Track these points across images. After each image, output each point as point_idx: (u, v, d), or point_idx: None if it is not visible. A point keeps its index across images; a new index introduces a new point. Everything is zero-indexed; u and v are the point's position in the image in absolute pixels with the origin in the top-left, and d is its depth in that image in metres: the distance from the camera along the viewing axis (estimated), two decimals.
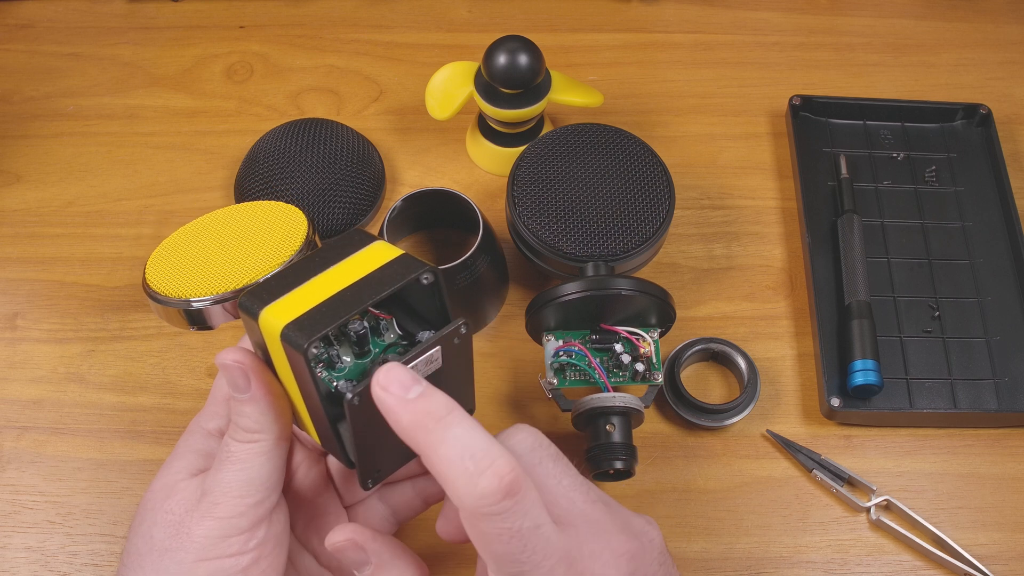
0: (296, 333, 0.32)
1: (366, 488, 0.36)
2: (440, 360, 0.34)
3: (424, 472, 0.41)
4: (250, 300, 0.35)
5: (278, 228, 0.41)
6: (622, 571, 0.33)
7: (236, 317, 0.39)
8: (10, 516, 0.49)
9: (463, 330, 0.34)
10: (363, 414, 0.33)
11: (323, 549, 0.41)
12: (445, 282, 0.35)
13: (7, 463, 0.51)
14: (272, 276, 0.36)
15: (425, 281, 0.34)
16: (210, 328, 0.40)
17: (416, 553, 0.37)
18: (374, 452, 0.35)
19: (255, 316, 0.34)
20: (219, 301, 0.38)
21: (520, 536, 0.30)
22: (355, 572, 0.36)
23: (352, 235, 0.37)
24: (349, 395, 0.32)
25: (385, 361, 0.34)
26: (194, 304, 0.39)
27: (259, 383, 0.35)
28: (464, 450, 0.30)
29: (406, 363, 0.32)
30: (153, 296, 0.40)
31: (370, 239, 0.36)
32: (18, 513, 0.50)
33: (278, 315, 0.33)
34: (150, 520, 0.36)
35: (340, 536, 0.36)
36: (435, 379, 0.34)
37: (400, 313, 0.37)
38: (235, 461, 0.36)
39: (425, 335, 0.35)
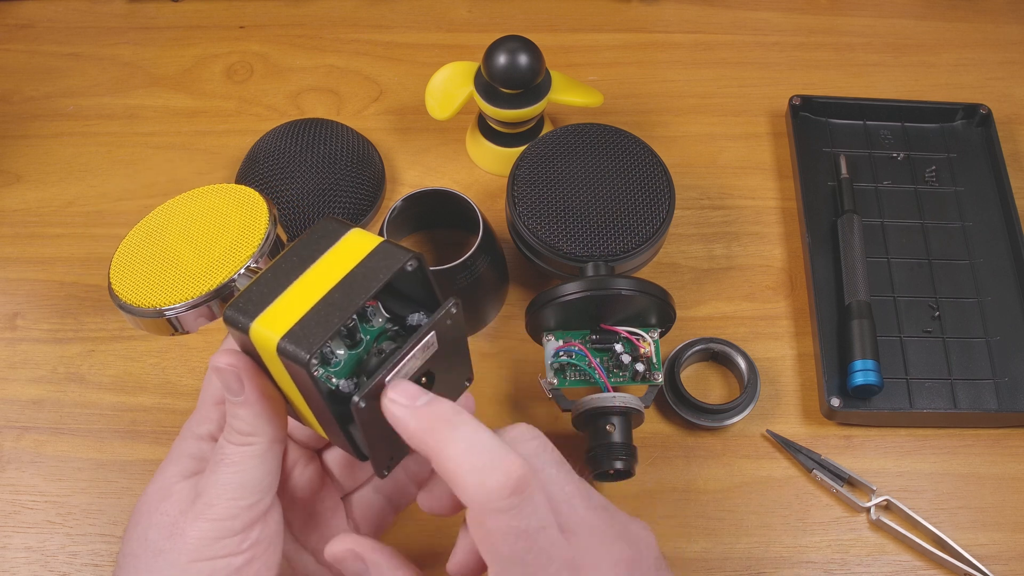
0: (294, 348, 0.32)
1: (382, 476, 0.36)
2: (436, 343, 0.34)
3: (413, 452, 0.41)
4: (236, 313, 0.34)
5: (238, 212, 0.40)
6: None
7: (211, 320, 0.38)
8: (10, 516, 0.49)
9: (454, 310, 0.34)
10: (371, 413, 0.33)
11: (321, 547, 0.41)
12: (430, 270, 0.35)
13: (7, 463, 0.51)
14: (253, 283, 0.35)
15: (410, 268, 0.34)
16: (187, 333, 0.39)
17: (414, 564, 0.37)
18: (385, 442, 0.35)
19: (245, 331, 0.33)
20: (194, 306, 0.38)
21: (527, 535, 0.30)
22: None
23: (325, 226, 0.36)
24: (356, 399, 0.32)
25: (381, 351, 0.34)
26: (167, 313, 0.38)
27: (253, 386, 0.35)
28: (472, 448, 0.30)
29: (404, 353, 0.33)
30: (125, 308, 0.39)
31: (344, 228, 0.36)
32: (18, 513, 0.50)
33: (270, 327, 0.33)
34: (145, 522, 0.36)
35: (340, 546, 0.36)
36: (434, 360, 0.34)
37: (385, 296, 0.37)
38: (229, 464, 0.36)
39: (415, 317, 0.35)
